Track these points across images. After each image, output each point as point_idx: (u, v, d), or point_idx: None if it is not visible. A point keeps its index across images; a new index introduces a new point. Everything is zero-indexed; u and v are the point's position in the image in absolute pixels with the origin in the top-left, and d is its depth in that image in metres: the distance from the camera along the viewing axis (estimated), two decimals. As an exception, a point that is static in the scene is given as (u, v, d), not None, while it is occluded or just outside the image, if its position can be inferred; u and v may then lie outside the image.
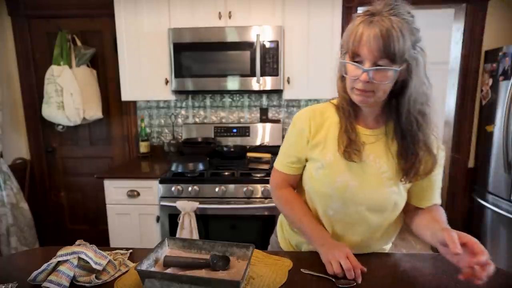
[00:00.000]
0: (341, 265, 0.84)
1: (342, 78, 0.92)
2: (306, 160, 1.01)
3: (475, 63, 2.50)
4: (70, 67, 2.50)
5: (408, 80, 0.83)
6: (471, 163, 2.63)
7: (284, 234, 1.15)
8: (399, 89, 0.85)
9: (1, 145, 2.52)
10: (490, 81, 2.37)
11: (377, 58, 0.79)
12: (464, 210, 2.67)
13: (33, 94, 2.75)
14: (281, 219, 1.18)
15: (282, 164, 1.05)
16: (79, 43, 2.60)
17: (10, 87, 2.72)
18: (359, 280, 0.83)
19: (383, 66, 0.80)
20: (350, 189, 0.92)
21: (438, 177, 0.95)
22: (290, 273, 0.90)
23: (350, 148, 0.90)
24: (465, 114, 2.57)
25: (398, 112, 0.88)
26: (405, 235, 3.30)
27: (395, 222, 1.00)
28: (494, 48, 2.37)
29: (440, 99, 3.29)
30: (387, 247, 1.10)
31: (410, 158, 0.88)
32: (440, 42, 3.36)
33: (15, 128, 2.78)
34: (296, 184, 1.08)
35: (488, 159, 2.40)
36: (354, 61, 0.83)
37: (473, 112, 2.56)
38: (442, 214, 0.95)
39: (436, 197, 0.97)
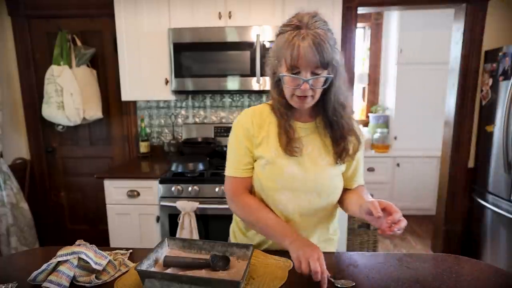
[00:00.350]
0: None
1: (276, 84, 1.01)
2: (255, 160, 1.06)
3: (475, 63, 2.50)
4: (70, 67, 2.50)
5: (334, 80, 0.95)
6: (471, 163, 2.63)
7: (237, 241, 1.16)
8: (326, 88, 0.96)
9: (1, 145, 2.52)
10: (490, 81, 2.37)
11: (313, 68, 0.90)
12: (464, 210, 2.67)
13: (33, 94, 2.75)
14: (233, 228, 1.19)
15: (236, 169, 1.06)
16: (79, 43, 2.60)
17: (10, 87, 2.72)
18: (325, 287, 0.82)
19: (319, 74, 0.92)
20: (298, 179, 1.00)
21: (361, 159, 1.11)
22: (290, 273, 0.90)
23: (290, 146, 0.99)
24: (465, 114, 2.57)
25: (325, 107, 1.00)
26: (405, 235, 3.30)
27: (335, 205, 1.11)
28: (494, 48, 2.37)
29: (440, 99, 3.30)
30: (335, 238, 1.17)
31: (340, 142, 1.02)
32: (440, 42, 3.38)
33: (15, 128, 2.78)
34: (251, 187, 1.09)
35: (488, 159, 2.40)
36: (293, 73, 0.92)
37: (473, 112, 2.56)
38: (366, 193, 1.09)
39: (361, 179, 1.13)
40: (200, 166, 2.20)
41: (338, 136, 1.02)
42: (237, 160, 1.06)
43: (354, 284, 0.84)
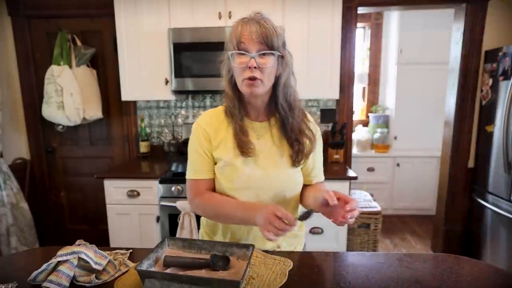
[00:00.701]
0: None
1: (230, 80, 1.03)
2: (215, 162, 1.06)
3: (475, 63, 2.50)
4: (70, 67, 2.50)
5: (281, 74, 0.99)
6: (471, 163, 2.63)
7: None
8: (276, 83, 1.00)
9: (1, 145, 2.52)
10: (490, 81, 2.37)
11: (259, 45, 0.93)
12: (464, 210, 2.67)
13: (33, 94, 2.75)
14: (201, 233, 1.19)
15: (197, 171, 1.05)
16: (79, 43, 2.60)
17: (10, 87, 2.72)
18: (292, 228, 0.86)
19: (265, 50, 0.93)
20: (257, 179, 1.02)
21: (318, 155, 1.12)
22: (290, 273, 0.90)
23: (244, 148, 1.00)
24: (465, 114, 2.57)
25: (276, 104, 1.02)
26: (405, 235, 3.30)
27: (297, 200, 1.11)
28: (494, 48, 2.37)
29: (440, 99, 3.30)
30: (301, 234, 1.17)
31: (294, 144, 1.03)
32: (440, 42, 3.38)
33: (15, 128, 2.78)
34: (213, 188, 1.08)
35: (488, 159, 2.41)
36: (240, 51, 0.94)
37: (473, 112, 2.56)
38: (325, 188, 1.08)
39: (320, 175, 1.14)
40: (200, 166, 2.19)
41: (292, 138, 1.03)
42: (197, 162, 1.05)
43: (312, 210, 0.89)
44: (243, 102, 1.04)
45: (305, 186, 1.11)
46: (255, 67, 0.93)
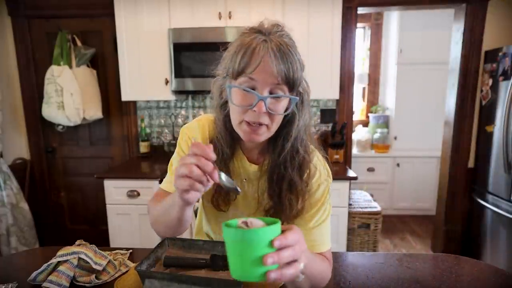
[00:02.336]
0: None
1: (222, 107, 0.77)
2: None
3: (475, 63, 2.50)
4: (70, 67, 2.50)
5: (295, 115, 0.74)
6: (471, 163, 2.63)
7: None
8: (285, 122, 0.75)
9: (1, 145, 2.52)
10: (490, 81, 2.37)
11: (273, 84, 0.67)
12: (464, 210, 2.67)
13: (33, 94, 2.75)
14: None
15: (171, 183, 0.85)
16: (79, 43, 2.60)
17: (10, 87, 2.72)
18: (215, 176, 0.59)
19: (280, 94, 0.68)
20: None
21: (321, 220, 0.81)
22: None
23: (220, 197, 0.80)
24: (465, 114, 2.57)
25: (275, 148, 0.77)
26: (405, 235, 3.30)
27: None
28: (494, 48, 2.37)
29: (440, 99, 3.30)
30: None
31: (273, 198, 0.79)
32: (440, 42, 3.38)
33: (15, 128, 2.78)
34: None
35: (488, 159, 2.40)
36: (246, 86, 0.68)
37: (473, 112, 2.56)
38: (325, 267, 0.77)
39: (321, 245, 0.80)
40: (200, 166, 2.19)
41: (275, 190, 0.78)
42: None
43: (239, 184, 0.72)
44: (237, 135, 0.77)
45: None
46: (263, 112, 0.67)
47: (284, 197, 0.77)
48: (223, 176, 0.62)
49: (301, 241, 0.55)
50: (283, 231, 0.54)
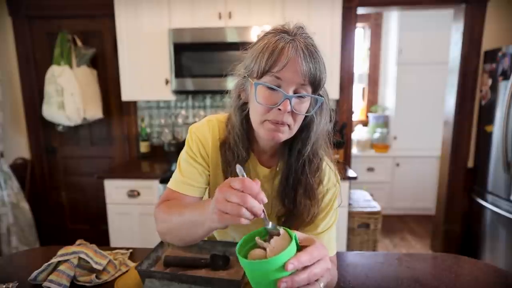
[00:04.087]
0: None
1: (240, 108, 0.78)
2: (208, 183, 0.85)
3: (475, 63, 2.50)
4: (71, 67, 2.51)
5: (313, 119, 0.75)
6: (470, 163, 2.63)
7: None
8: (304, 124, 0.75)
9: (2, 144, 2.52)
10: (490, 81, 2.37)
11: (300, 84, 0.67)
12: (464, 209, 2.67)
13: (33, 94, 2.75)
14: None
15: (181, 183, 0.82)
16: (79, 43, 2.61)
17: (11, 87, 2.72)
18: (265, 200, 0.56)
19: (306, 93, 0.69)
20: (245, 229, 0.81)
21: (328, 225, 0.81)
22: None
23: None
24: (465, 114, 2.58)
25: (291, 152, 0.77)
26: (405, 234, 3.31)
27: None
28: (494, 48, 2.37)
29: (440, 99, 3.30)
30: None
31: (285, 203, 0.78)
32: (439, 42, 3.38)
33: (15, 128, 2.78)
34: None
35: (487, 159, 2.41)
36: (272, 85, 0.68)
37: (473, 112, 2.56)
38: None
39: (329, 248, 0.80)
40: (200, 166, 2.20)
41: (290, 195, 0.78)
42: (187, 172, 0.82)
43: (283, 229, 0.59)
44: (251, 137, 0.79)
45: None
46: (287, 112, 0.68)
47: (299, 202, 0.77)
48: (270, 224, 0.60)
49: (325, 258, 0.54)
50: (302, 247, 0.54)
